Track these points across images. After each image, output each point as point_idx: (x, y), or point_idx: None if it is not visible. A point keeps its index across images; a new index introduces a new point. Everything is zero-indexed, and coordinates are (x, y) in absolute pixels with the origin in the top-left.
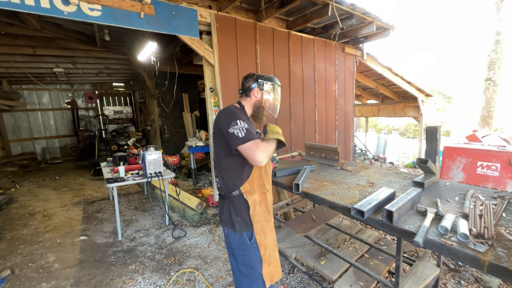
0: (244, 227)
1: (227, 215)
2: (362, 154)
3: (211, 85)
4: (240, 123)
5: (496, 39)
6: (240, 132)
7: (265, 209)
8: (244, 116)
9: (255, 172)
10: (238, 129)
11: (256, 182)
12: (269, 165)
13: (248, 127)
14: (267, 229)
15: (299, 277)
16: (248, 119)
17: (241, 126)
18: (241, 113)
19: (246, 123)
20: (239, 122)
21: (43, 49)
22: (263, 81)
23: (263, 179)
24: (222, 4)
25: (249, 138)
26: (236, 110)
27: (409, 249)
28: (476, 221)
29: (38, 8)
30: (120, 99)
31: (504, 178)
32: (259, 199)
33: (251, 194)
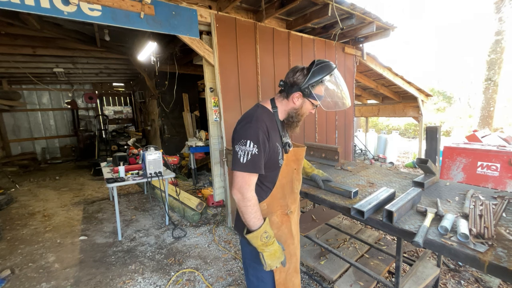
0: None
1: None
2: (362, 154)
3: (211, 85)
4: (249, 146)
5: (496, 39)
6: (244, 157)
7: (287, 231)
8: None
9: (277, 192)
10: (243, 152)
11: (277, 203)
12: (298, 181)
13: (257, 153)
14: (287, 255)
15: None
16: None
17: (248, 149)
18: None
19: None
20: (249, 143)
21: (43, 49)
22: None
23: (286, 200)
24: (222, 4)
25: (250, 169)
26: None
27: (409, 249)
28: (476, 221)
29: (38, 8)
30: (120, 99)
31: (504, 178)
32: (279, 221)
33: (269, 215)
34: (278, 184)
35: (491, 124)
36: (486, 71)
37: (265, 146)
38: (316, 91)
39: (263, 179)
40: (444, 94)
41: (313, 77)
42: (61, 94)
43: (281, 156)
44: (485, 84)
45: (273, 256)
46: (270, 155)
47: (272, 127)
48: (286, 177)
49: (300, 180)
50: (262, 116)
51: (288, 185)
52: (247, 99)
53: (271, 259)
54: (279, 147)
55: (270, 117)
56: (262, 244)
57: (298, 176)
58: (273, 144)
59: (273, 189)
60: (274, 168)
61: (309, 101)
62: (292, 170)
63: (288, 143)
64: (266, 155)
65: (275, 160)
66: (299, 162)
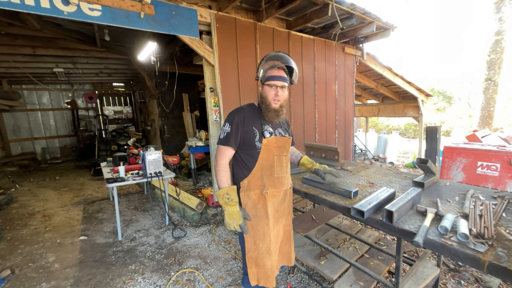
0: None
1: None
2: (362, 154)
3: (211, 85)
4: (227, 126)
5: (496, 39)
6: (222, 134)
7: (263, 210)
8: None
9: (257, 172)
10: (223, 131)
11: (256, 182)
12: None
13: (229, 131)
14: (260, 233)
15: (299, 277)
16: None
17: (226, 128)
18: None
19: (231, 126)
20: (227, 125)
21: (43, 49)
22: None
23: (264, 181)
24: (222, 4)
25: (223, 143)
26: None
27: (409, 249)
28: (476, 221)
29: (38, 8)
30: (120, 99)
31: (504, 178)
32: (256, 198)
33: (248, 191)
34: (258, 165)
35: (491, 124)
36: (486, 71)
37: (237, 127)
38: (267, 74)
39: (244, 158)
40: (444, 94)
41: (260, 65)
42: (61, 94)
43: (257, 139)
44: (485, 84)
45: (231, 216)
46: (245, 135)
47: (251, 116)
48: (266, 160)
49: (283, 167)
50: (245, 107)
51: (268, 168)
52: (247, 99)
53: (229, 218)
54: (257, 131)
55: (253, 109)
56: (223, 203)
57: (279, 162)
58: (249, 127)
59: (253, 169)
60: (252, 147)
61: (265, 85)
62: (273, 156)
63: (269, 130)
64: (239, 134)
65: (251, 140)
66: (281, 149)
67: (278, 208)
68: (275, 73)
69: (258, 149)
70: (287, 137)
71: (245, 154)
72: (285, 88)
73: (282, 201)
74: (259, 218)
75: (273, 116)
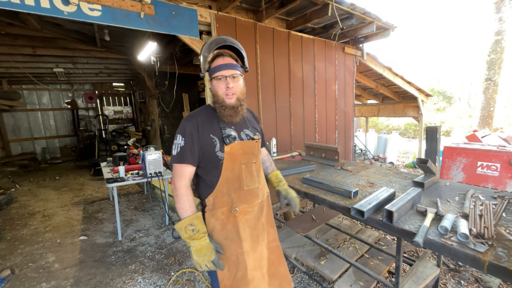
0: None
1: None
2: (362, 154)
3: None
4: (179, 139)
5: (496, 39)
6: (174, 150)
7: (233, 231)
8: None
9: (222, 186)
10: (175, 145)
11: (222, 199)
12: (251, 178)
13: (184, 145)
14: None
15: (299, 277)
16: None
17: (178, 142)
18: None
19: (185, 138)
20: (179, 137)
21: (43, 49)
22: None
23: (231, 196)
24: (222, 4)
25: (176, 160)
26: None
27: (409, 249)
28: (476, 221)
29: (38, 8)
30: (120, 99)
31: (504, 178)
32: (224, 218)
33: (212, 210)
34: (223, 179)
35: (491, 124)
36: (486, 71)
37: (192, 138)
38: (212, 65)
39: (206, 173)
40: (444, 94)
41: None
42: (61, 94)
43: (218, 148)
44: (485, 84)
45: (199, 252)
46: (203, 146)
47: (207, 120)
48: (232, 172)
49: (254, 177)
50: (197, 113)
51: (235, 180)
52: (247, 99)
53: (197, 255)
54: (216, 139)
55: (208, 112)
56: (188, 237)
57: (248, 172)
58: (206, 136)
59: (217, 183)
60: (213, 160)
61: (212, 79)
62: (239, 165)
63: (231, 135)
64: (196, 146)
65: (211, 152)
66: (249, 156)
67: (255, 225)
68: (220, 62)
69: (221, 160)
70: (255, 141)
71: (206, 169)
72: (237, 77)
73: (258, 217)
74: (230, 240)
75: (231, 114)
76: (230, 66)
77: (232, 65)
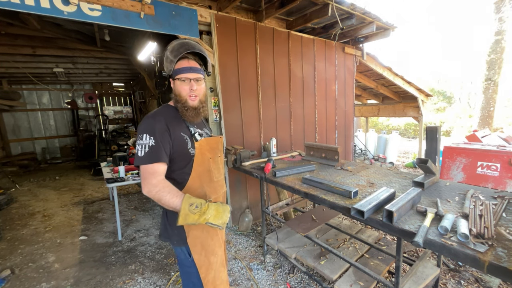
0: (181, 241)
1: (163, 227)
2: (362, 154)
3: (211, 85)
4: (147, 138)
5: (496, 39)
6: (141, 150)
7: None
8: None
9: (194, 181)
10: (140, 146)
11: (195, 193)
12: (218, 170)
13: (154, 144)
14: (211, 246)
15: (299, 277)
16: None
17: (145, 141)
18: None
19: (153, 137)
20: (146, 137)
21: (43, 49)
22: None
23: (204, 189)
24: (222, 4)
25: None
26: (156, 114)
27: (409, 249)
28: (476, 221)
29: (38, 8)
30: (120, 99)
31: (504, 178)
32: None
33: None
34: (194, 174)
35: (491, 124)
36: (486, 71)
37: (163, 136)
38: (176, 66)
39: (175, 171)
40: (444, 94)
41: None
42: (61, 94)
43: (190, 145)
44: (485, 84)
45: (219, 214)
46: (175, 144)
47: (173, 120)
48: (201, 166)
49: (220, 169)
50: (161, 112)
51: (206, 174)
52: (247, 99)
53: (219, 218)
54: (187, 137)
55: (172, 113)
56: (199, 217)
57: (215, 165)
58: (177, 134)
59: (188, 179)
60: (185, 157)
61: (176, 80)
62: (207, 159)
63: (198, 132)
64: (168, 145)
65: (184, 149)
66: (214, 151)
67: None
68: (185, 64)
69: (193, 156)
70: (219, 137)
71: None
72: (201, 81)
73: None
74: (207, 232)
75: (193, 115)
76: (195, 69)
77: (196, 68)
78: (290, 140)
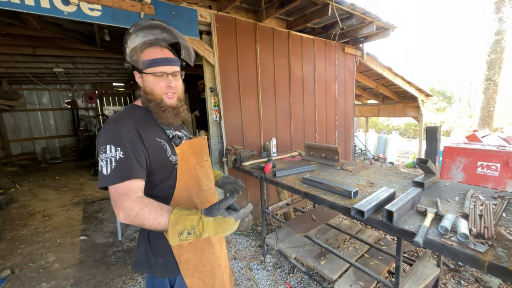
0: (165, 271)
1: (143, 255)
2: (362, 154)
3: (211, 85)
4: (111, 151)
5: (496, 39)
6: (107, 167)
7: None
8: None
9: (181, 194)
10: (104, 161)
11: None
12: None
13: (123, 156)
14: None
15: (299, 277)
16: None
17: (111, 155)
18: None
19: (120, 147)
20: (109, 148)
21: (43, 49)
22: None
23: (194, 201)
24: (222, 4)
25: (115, 180)
26: (120, 118)
27: (409, 249)
28: (476, 221)
29: (38, 8)
30: (120, 99)
31: (504, 178)
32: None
33: None
34: (180, 185)
35: (491, 124)
36: (486, 71)
37: (134, 145)
38: (145, 57)
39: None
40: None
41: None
42: (61, 94)
43: (170, 153)
44: (485, 84)
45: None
46: (151, 153)
47: (145, 123)
48: (187, 174)
49: (209, 175)
50: (126, 114)
51: (193, 183)
52: (247, 99)
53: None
54: (164, 142)
55: (141, 113)
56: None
57: (203, 171)
58: (151, 140)
59: (174, 193)
60: (166, 167)
61: (147, 74)
62: (193, 166)
63: (177, 135)
64: (143, 155)
65: (164, 158)
66: (200, 155)
67: None
68: (158, 54)
69: (175, 165)
70: (202, 137)
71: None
72: (178, 75)
73: None
74: (201, 250)
75: (171, 116)
76: (171, 61)
77: (173, 60)
78: (290, 140)
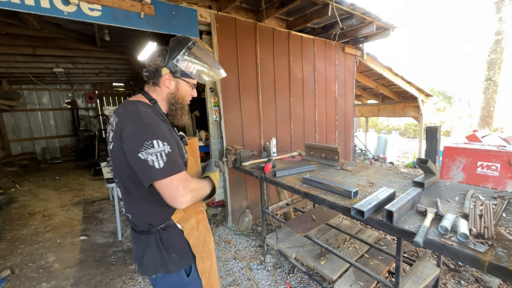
0: (181, 264)
1: (155, 257)
2: (362, 154)
3: (211, 85)
4: (160, 145)
5: (496, 39)
6: (158, 160)
7: (204, 229)
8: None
9: None
10: (155, 155)
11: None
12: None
13: (170, 150)
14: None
15: (299, 277)
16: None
17: (160, 148)
18: (158, 118)
19: (167, 142)
20: (158, 143)
21: (43, 49)
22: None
23: None
24: (222, 4)
25: (172, 171)
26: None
27: (409, 249)
28: (476, 221)
29: (38, 8)
30: (120, 99)
31: (504, 178)
32: (195, 221)
33: (187, 220)
34: None
35: (491, 124)
36: (486, 71)
37: (174, 141)
38: (184, 68)
39: None
40: (444, 94)
41: (173, 52)
42: (61, 94)
43: (185, 150)
44: (485, 84)
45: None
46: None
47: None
48: (191, 172)
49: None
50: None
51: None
52: (247, 99)
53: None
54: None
55: (154, 111)
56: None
57: (198, 168)
58: (176, 138)
59: None
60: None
61: (183, 80)
62: (192, 164)
63: (182, 135)
64: (178, 149)
65: (183, 156)
66: (196, 153)
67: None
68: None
69: (186, 162)
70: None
71: None
72: None
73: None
74: (203, 239)
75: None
76: None
77: None
78: (290, 140)
